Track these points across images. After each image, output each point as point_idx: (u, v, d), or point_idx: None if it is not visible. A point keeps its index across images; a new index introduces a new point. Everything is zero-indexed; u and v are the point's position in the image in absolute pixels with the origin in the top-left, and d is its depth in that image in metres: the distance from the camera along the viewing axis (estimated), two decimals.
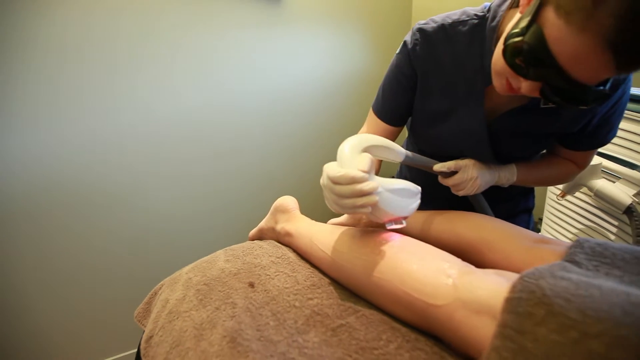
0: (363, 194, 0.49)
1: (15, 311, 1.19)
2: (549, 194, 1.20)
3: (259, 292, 0.58)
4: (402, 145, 0.97)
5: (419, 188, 0.60)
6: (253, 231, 0.86)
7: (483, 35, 0.63)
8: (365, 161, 0.52)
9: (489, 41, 0.61)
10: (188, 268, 0.71)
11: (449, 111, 0.71)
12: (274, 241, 0.78)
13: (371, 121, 0.80)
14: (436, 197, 0.81)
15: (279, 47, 1.57)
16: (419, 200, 0.60)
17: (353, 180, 0.49)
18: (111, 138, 1.27)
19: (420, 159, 0.70)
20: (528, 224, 0.91)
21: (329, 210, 0.57)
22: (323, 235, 0.65)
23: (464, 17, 0.66)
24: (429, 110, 0.73)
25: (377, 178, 0.54)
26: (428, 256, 0.51)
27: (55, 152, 1.18)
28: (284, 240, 0.76)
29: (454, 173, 0.70)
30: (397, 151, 0.62)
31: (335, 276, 0.61)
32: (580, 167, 0.77)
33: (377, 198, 0.50)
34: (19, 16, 1.07)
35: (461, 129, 0.70)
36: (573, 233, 1.09)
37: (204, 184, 1.50)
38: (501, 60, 0.52)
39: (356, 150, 0.54)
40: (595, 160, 0.98)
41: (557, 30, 0.43)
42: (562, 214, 1.14)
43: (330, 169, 0.52)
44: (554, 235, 1.17)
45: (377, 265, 0.52)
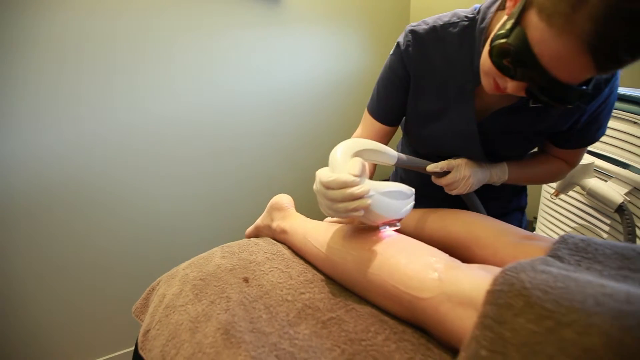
0: (355, 197, 0.50)
1: (15, 309, 1.21)
2: (543, 193, 1.21)
3: (253, 287, 0.60)
4: (397, 146, 0.99)
5: (413, 190, 0.61)
6: (249, 229, 0.87)
7: (473, 36, 0.64)
8: (356, 165, 0.52)
9: (478, 42, 0.63)
10: (185, 264, 0.73)
11: (440, 111, 0.72)
12: (269, 238, 0.80)
13: (366, 121, 0.82)
14: (430, 197, 0.83)
15: (277, 48, 1.58)
16: (413, 202, 0.60)
17: (344, 185, 0.50)
18: (111, 137, 1.28)
19: (413, 161, 0.70)
20: (521, 222, 0.93)
21: None
22: (317, 232, 0.67)
23: (454, 19, 0.67)
24: (421, 111, 0.75)
25: (370, 182, 0.55)
26: (416, 251, 0.53)
27: (55, 152, 1.20)
28: (280, 237, 0.77)
29: (447, 173, 0.72)
30: (389, 154, 0.63)
31: (328, 272, 0.62)
32: (570, 165, 0.79)
33: (370, 201, 0.51)
34: (19, 16, 1.08)
35: (453, 129, 0.72)
36: (567, 231, 1.11)
37: (202, 182, 1.52)
38: (488, 60, 0.53)
39: (347, 154, 0.55)
40: (588, 159, 0.99)
41: (539, 33, 0.45)
42: (556, 213, 1.15)
43: (322, 174, 0.53)
44: (548, 234, 1.18)
45: (368, 260, 0.54)
